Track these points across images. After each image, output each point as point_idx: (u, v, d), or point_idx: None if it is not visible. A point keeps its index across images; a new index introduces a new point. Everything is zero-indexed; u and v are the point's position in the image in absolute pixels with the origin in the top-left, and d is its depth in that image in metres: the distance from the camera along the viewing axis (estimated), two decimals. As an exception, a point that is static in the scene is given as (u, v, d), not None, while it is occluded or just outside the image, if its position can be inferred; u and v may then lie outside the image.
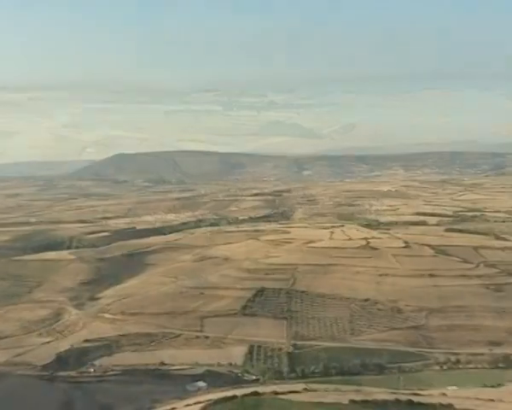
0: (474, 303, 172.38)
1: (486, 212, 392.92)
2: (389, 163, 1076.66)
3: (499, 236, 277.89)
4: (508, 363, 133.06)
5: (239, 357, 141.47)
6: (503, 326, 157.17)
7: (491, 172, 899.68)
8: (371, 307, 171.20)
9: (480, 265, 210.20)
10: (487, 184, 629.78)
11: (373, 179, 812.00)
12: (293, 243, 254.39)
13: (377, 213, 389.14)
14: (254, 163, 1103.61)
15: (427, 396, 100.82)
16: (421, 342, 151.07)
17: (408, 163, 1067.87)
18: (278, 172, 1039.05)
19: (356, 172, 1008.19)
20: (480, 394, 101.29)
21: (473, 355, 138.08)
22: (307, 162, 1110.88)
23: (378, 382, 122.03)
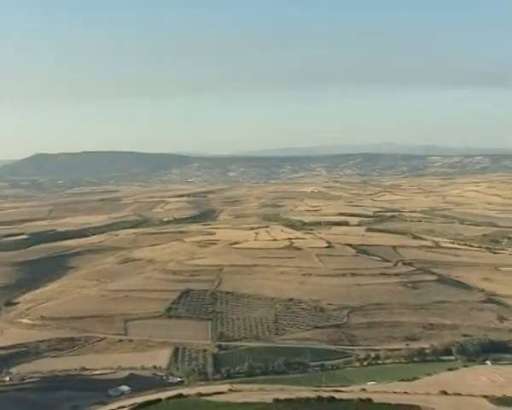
0: (392, 301, 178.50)
1: (404, 212, 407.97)
2: (312, 164, 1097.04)
3: (416, 235, 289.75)
4: (422, 357, 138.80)
5: (163, 359, 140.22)
6: (419, 322, 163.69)
7: (409, 174, 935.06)
8: (295, 307, 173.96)
9: (398, 263, 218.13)
10: (405, 185, 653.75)
11: (297, 180, 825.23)
12: (218, 245, 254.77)
13: (301, 214, 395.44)
14: (179, 164, 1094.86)
15: (348, 392, 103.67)
16: (343, 339, 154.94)
17: (330, 164, 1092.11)
18: (203, 173, 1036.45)
19: (280, 174, 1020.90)
20: (397, 387, 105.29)
21: (391, 351, 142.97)
22: (232, 163, 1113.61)
23: (302, 380, 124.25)
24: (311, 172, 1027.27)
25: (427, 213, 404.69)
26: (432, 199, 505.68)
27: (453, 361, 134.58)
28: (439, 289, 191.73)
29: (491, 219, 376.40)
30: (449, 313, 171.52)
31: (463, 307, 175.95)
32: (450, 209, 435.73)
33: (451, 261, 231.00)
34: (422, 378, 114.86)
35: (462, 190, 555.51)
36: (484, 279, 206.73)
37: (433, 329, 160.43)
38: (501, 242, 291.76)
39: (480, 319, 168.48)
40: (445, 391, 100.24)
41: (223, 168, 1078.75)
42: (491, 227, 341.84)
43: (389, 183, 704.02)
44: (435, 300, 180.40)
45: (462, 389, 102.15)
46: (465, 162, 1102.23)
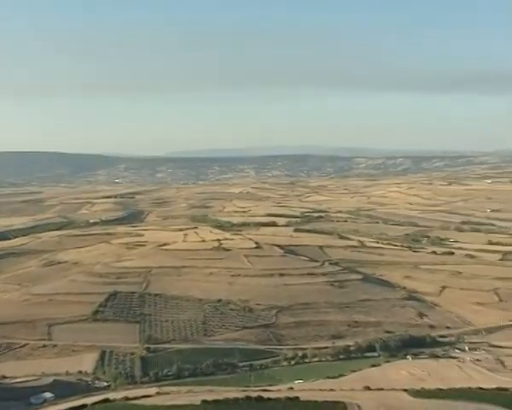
0: (319, 300, 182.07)
1: (330, 212, 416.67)
2: (241, 165, 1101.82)
3: (342, 235, 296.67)
4: (348, 354, 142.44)
5: (89, 364, 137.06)
6: (344, 320, 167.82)
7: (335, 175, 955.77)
8: (224, 308, 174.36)
9: (325, 263, 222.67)
10: (331, 186, 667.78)
11: (226, 181, 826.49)
12: (146, 246, 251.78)
13: (230, 215, 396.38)
14: (106, 165, 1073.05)
15: (276, 391, 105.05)
16: (272, 339, 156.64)
17: (259, 166, 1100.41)
18: (131, 174, 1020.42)
19: (209, 175, 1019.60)
20: (323, 385, 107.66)
21: (318, 349, 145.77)
22: (161, 164, 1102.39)
23: (230, 381, 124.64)
24: (239, 173, 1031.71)
25: (352, 214, 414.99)
26: (357, 200, 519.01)
27: (376, 357, 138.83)
28: (364, 287, 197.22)
29: (413, 219, 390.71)
30: (373, 310, 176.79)
31: (386, 305, 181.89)
32: (375, 209, 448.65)
33: (376, 260, 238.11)
34: (348, 375, 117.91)
35: (386, 191, 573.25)
36: (405, 277, 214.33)
37: (357, 326, 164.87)
38: (421, 241, 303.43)
39: (402, 315, 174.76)
40: (368, 387, 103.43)
41: (151, 169, 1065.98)
42: (412, 227, 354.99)
43: (316, 184, 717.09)
44: (360, 298, 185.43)
45: (385, 383, 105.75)
46: (388, 164, 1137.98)
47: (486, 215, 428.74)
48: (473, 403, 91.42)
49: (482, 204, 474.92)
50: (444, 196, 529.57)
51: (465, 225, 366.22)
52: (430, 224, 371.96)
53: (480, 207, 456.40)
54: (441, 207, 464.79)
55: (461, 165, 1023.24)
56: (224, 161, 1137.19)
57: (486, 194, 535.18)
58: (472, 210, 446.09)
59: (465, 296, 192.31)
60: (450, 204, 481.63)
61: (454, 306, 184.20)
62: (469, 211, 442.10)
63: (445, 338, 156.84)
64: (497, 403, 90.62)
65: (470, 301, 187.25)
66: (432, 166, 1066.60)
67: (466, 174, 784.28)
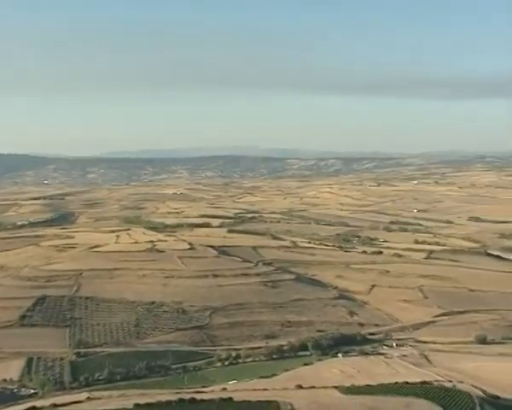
0: (253, 300, 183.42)
1: (264, 213, 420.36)
2: (174, 166, 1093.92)
3: (275, 235, 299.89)
4: (281, 354, 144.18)
5: (15, 371, 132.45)
6: (278, 320, 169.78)
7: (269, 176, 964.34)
8: (157, 310, 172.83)
9: (259, 263, 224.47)
10: (265, 187, 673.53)
11: (159, 182, 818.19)
12: (77, 248, 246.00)
13: (163, 216, 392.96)
14: (33, 165, 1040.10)
15: (210, 393, 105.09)
16: (205, 340, 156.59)
17: (193, 167, 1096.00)
18: (61, 175, 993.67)
19: (142, 176, 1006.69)
20: (257, 385, 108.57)
21: (251, 349, 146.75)
22: (92, 165, 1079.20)
23: (163, 383, 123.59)
24: (173, 174, 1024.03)
25: (285, 214, 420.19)
26: (290, 200, 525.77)
27: (309, 356, 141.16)
28: (297, 287, 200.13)
29: (344, 220, 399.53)
30: (305, 310, 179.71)
31: (318, 304, 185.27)
32: (307, 210, 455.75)
33: (308, 260, 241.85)
34: (281, 374, 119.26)
35: (318, 192, 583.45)
36: (337, 277, 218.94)
37: (290, 326, 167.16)
38: (352, 241, 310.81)
39: (333, 314, 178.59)
40: (300, 385, 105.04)
41: (82, 170, 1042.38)
42: (343, 227, 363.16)
43: (250, 185, 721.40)
44: (293, 298, 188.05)
45: (317, 381, 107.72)
46: (320, 165, 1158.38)
47: (413, 215, 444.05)
48: (399, 397, 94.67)
49: (409, 204, 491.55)
50: (373, 197, 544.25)
51: (393, 225, 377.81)
52: (360, 224, 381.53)
53: (407, 208, 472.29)
54: (371, 208, 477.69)
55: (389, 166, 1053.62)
56: (157, 161, 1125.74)
57: (413, 195, 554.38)
58: (399, 210, 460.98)
59: (393, 294, 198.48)
60: (380, 204, 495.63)
61: (382, 304, 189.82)
62: (397, 211, 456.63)
63: (374, 335, 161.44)
64: (421, 396, 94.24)
65: (397, 299, 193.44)
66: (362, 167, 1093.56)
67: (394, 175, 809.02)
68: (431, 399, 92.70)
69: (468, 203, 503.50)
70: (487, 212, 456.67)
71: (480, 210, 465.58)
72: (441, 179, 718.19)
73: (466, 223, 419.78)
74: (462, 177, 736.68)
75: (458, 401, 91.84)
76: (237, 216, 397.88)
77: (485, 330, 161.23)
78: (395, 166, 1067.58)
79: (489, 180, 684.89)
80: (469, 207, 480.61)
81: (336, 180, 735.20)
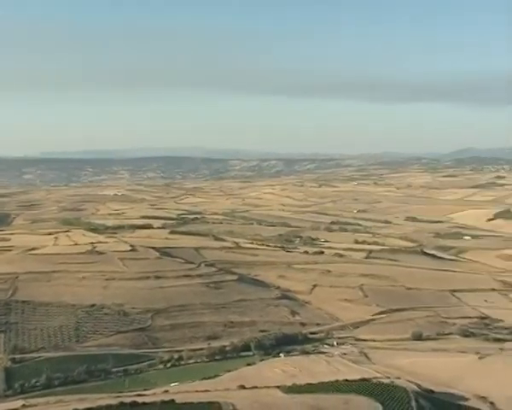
0: (195, 301, 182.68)
1: (206, 214, 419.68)
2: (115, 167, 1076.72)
3: (217, 236, 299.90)
4: (224, 354, 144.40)
5: None
6: (220, 321, 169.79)
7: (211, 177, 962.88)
8: (97, 313, 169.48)
9: (201, 264, 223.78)
10: (207, 188, 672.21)
11: (99, 183, 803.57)
12: (12, 251, 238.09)
13: (104, 218, 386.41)
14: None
15: (151, 395, 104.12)
16: (147, 342, 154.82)
17: (134, 167, 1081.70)
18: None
19: (81, 176, 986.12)
20: (199, 386, 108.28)
21: (193, 351, 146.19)
22: (28, 165, 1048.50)
23: (103, 387, 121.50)
24: (113, 174, 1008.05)
25: (227, 215, 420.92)
26: (232, 201, 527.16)
27: (251, 356, 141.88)
28: (240, 288, 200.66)
29: (286, 220, 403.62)
30: (248, 310, 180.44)
31: (261, 305, 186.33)
32: (249, 211, 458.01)
33: (250, 261, 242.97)
34: (223, 375, 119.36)
35: (260, 193, 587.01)
36: (279, 277, 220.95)
37: (233, 327, 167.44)
38: (294, 241, 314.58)
39: (276, 314, 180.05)
40: (243, 386, 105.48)
41: (17, 171, 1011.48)
42: (285, 227, 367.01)
43: (192, 186, 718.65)
44: (236, 299, 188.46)
45: (259, 381, 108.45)
46: (262, 166, 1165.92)
47: (353, 215, 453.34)
48: (340, 395, 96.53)
49: (349, 205, 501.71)
50: (314, 198, 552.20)
51: (334, 226, 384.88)
52: (302, 224, 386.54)
53: (348, 208, 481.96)
54: (312, 208, 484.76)
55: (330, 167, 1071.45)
56: (97, 162, 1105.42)
57: (353, 195, 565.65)
58: (340, 211, 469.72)
59: (334, 294, 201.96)
60: (321, 205, 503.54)
61: (324, 303, 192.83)
62: (338, 212, 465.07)
63: (315, 335, 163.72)
64: (360, 393, 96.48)
65: (338, 298, 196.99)
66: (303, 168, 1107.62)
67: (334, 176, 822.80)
68: (369, 395, 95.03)
69: (405, 204, 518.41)
70: (423, 212, 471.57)
71: (416, 210, 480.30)
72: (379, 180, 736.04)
73: (403, 223, 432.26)
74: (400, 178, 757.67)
75: (395, 396, 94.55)
76: (179, 217, 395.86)
77: (421, 327, 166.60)
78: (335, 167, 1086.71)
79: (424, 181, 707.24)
80: (406, 208, 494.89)
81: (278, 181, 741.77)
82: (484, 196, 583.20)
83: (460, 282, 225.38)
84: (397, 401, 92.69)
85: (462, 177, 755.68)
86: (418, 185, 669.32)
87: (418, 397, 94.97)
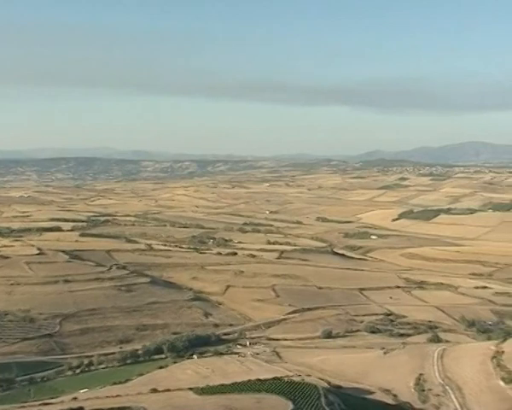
0: (106, 305, 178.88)
1: (118, 216, 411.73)
2: (21, 168, 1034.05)
3: (130, 238, 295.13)
4: (136, 358, 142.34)
5: None
6: (132, 324, 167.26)
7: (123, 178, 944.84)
8: (1, 320, 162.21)
9: (113, 267, 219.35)
10: (119, 190, 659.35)
11: (3, 185, 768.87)
12: None
13: (9, 221, 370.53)
14: None
15: (58, 404, 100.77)
16: (55, 349, 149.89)
17: (41, 168, 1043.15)
18: None
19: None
20: (110, 391, 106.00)
21: (104, 356, 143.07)
22: None
23: (6, 398, 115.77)
24: (19, 175, 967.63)
25: (140, 217, 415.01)
26: (145, 203, 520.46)
27: (164, 359, 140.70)
28: (152, 290, 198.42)
29: (199, 222, 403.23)
30: (160, 313, 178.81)
31: (174, 307, 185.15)
32: (163, 212, 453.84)
33: (163, 263, 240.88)
34: (135, 379, 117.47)
35: (173, 194, 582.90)
36: (192, 278, 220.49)
37: (145, 330, 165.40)
38: (207, 242, 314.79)
39: (189, 316, 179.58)
40: (155, 389, 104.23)
41: None
42: (198, 229, 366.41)
43: (103, 187, 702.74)
44: (148, 301, 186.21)
45: (171, 384, 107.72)
46: (175, 167, 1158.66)
47: (266, 217, 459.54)
48: (252, 394, 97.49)
49: (262, 206, 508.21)
50: (228, 199, 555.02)
51: (247, 227, 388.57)
52: (215, 226, 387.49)
53: (260, 209, 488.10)
54: (225, 210, 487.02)
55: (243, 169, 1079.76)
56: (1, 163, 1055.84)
57: (265, 197, 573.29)
58: (253, 212, 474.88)
59: (247, 294, 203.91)
60: (234, 206, 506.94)
61: (237, 304, 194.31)
62: (251, 213, 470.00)
63: (228, 335, 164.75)
64: (273, 391, 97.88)
65: (251, 299, 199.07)
66: (216, 169, 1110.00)
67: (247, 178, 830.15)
68: (281, 393, 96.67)
69: (316, 204, 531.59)
70: (333, 212, 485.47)
71: (327, 211, 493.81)
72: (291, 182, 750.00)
73: (314, 223, 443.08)
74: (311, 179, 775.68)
75: (306, 393, 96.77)
76: (90, 219, 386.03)
77: (331, 325, 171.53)
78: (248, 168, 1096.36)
79: (334, 183, 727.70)
80: (317, 209, 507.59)
81: (191, 182, 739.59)
82: (389, 196, 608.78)
83: (367, 280, 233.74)
84: (307, 398, 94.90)
85: (369, 178, 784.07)
86: (328, 187, 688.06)
87: (327, 393, 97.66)
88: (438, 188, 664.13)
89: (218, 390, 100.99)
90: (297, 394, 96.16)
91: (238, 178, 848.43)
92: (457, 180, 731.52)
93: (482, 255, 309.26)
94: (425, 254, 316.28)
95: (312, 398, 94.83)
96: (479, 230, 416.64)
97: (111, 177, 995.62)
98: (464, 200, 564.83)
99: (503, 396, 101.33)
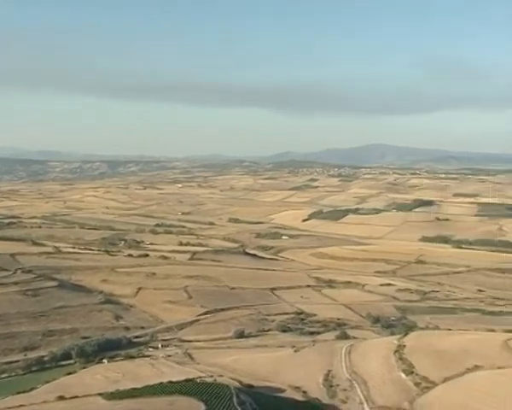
0: (11, 311, 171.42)
1: (23, 218, 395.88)
2: None
3: (36, 241, 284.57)
4: (42, 365, 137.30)
5: None
6: (39, 330, 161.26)
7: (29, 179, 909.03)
8: None
9: (18, 271, 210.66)
10: (24, 191, 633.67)
11: None
12: None
13: None
14: None
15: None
16: None
17: None
18: None
19: None
20: (12, 401, 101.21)
21: (8, 364, 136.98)
22: None
23: None
24: None
25: (47, 219, 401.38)
26: (53, 204, 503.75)
27: (73, 365, 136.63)
28: (61, 294, 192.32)
29: (110, 223, 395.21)
30: (69, 317, 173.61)
31: (83, 310, 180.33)
32: (71, 214, 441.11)
33: (73, 266, 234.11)
34: (40, 387, 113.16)
35: (83, 195, 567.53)
36: (103, 281, 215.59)
37: (53, 335, 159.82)
38: (118, 244, 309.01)
39: (99, 319, 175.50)
40: (62, 396, 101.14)
41: None
42: (109, 231, 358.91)
43: (7, 188, 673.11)
44: (56, 305, 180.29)
45: (80, 390, 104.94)
46: (84, 168, 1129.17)
47: (178, 218, 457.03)
48: (164, 397, 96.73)
49: (174, 207, 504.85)
50: (139, 200, 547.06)
51: (159, 228, 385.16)
52: (127, 227, 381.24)
53: (173, 211, 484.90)
54: (137, 211, 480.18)
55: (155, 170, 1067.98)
56: None
57: (178, 198, 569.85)
58: (165, 213, 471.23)
59: (159, 296, 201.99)
60: (146, 208, 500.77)
61: (149, 306, 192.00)
62: (163, 214, 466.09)
63: (140, 338, 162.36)
64: (185, 393, 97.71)
65: (163, 300, 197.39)
66: (127, 170, 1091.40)
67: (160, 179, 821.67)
68: (193, 395, 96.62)
69: (228, 205, 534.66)
70: (245, 213, 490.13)
71: (239, 212, 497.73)
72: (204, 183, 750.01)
73: (226, 224, 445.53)
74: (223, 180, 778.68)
75: (218, 393, 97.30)
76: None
77: (243, 325, 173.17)
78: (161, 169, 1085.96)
79: (246, 183, 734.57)
80: (229, 209, 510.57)
81: (101, 183, 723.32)
82: (300, 197, 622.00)
83: (279, 280, 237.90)
84: (219, 399, 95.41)
85: (280, 179, 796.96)
86: (240, 188, 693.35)
87: (239, 393, 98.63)
88: (346, 189, 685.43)
89: (128, 394, 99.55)
90: (209, 394, 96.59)
91: (150, 178, 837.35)
92: (364, 181, 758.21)
93: (387, 254, 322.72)
94: (334, 254, 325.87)
95: (224, 398, 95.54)
96: (384, 229, 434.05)
97: (15, 178, 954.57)
98: (370, 200, 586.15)
99: (404, 387, 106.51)
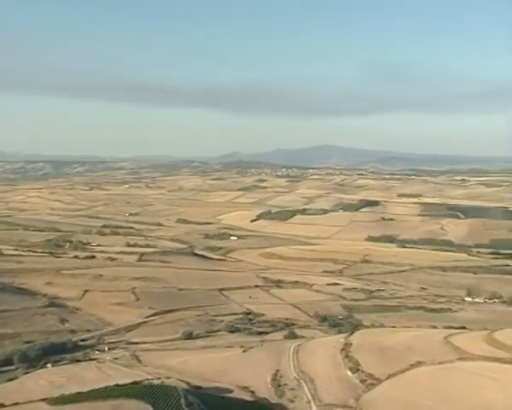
0: None
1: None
2: None
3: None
4: None
5: None
6: None
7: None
8: None
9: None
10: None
11: None
12: None
13: None
14: None
15: None
16: None
17: None
18: None
19: None
20: None
21: None
22: None
23: None
24: None
25: None
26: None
27: (15, 371, 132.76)
28: (2, 298, 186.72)
29: (55, 225, 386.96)
30: (11, 321, 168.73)
31: (26, 314, 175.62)
32: (14, 216, 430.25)
33: (15, 268, 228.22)
34: None
35: (26, 196, 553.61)
36: (47, 284, 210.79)
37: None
38: (63, 246, 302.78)
39: (43, 323, 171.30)
40: (2, 404, 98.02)
41: None
42: (54, 232, 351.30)
43: None
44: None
45: (22, 396, 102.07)
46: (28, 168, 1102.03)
47: (125, 219, 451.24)
48: (110, 401, 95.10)
49: (121, 208, 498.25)
50: (85, 201, 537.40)
51: (106, 229, 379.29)
52: (72, 228, 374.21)
53: (120, 211, 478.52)
54: (83, 212, 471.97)
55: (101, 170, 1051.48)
56: None
57: (125, 198, 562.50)
58: (112, 214, 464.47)
59: (106, 298, 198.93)
60: (92, 209, 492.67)
61: (95, 308, 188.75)
62: (110, 215, 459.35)
63: (86, 341, 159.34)
64: (131, 396, 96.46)
65: (110, 303, 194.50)
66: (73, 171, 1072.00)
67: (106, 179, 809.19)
68: (140, 397, 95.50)
69: (177, 206, 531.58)
70: (193, 214, 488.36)
71: (187, 212, 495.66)
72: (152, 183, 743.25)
73: (174, 225, 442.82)
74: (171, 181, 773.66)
75: (165, 395, 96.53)
76: None
77: (192, 326, 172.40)
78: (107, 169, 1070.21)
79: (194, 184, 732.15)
80: (177, 210, 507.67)
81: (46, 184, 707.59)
82: (248, 198, 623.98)
83: (227, 280, 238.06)
84: (167, 400, 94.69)
85: (229, 180, 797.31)
86: (189, 188, 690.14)
87: (187, 394, 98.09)
88: (294, 189, 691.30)
89: (73, 399, 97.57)
90: (156, 397, 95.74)
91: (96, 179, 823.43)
92: (312, 182, 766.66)
93: (334, 253, 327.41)
94: (282, 254, 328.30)
95: (172, 400, 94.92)
96: (331, 229, 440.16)
97: None
98: (318, 200, 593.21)
99: (350, 384, 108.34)
